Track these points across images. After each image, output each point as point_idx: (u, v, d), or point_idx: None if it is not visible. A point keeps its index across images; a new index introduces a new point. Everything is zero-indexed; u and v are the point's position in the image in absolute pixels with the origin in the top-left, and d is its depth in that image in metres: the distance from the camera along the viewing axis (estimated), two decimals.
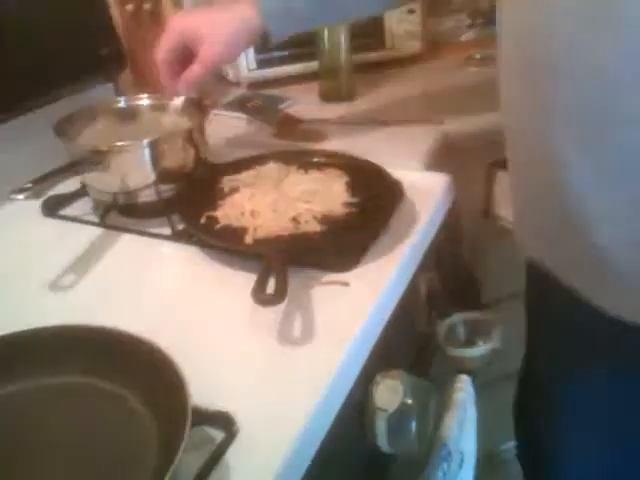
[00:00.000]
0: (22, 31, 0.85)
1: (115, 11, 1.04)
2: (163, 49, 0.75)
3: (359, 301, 0.61)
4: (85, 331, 0.47)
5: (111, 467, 0.41)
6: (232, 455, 0.46)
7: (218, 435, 0.47)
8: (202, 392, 0.46)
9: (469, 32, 1.27)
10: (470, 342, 0.73)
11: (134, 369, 0.46)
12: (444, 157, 0.96)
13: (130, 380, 0.46)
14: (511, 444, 0.99)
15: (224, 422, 0.48)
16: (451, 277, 0.87)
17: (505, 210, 1.03)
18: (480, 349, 0.70)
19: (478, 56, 1.17)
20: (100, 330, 0.47)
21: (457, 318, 0.76)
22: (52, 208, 0.80)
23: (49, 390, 0.46)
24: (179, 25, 0.75)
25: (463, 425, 0.68)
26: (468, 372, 0.74)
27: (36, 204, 0.78)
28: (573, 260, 0.64)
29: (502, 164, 1.00)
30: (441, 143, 0.96)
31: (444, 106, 1.04)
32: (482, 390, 0.78)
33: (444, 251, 0.86)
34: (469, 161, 1.02)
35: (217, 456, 0.46)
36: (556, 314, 0.73)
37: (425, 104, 1.07)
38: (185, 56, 0.75)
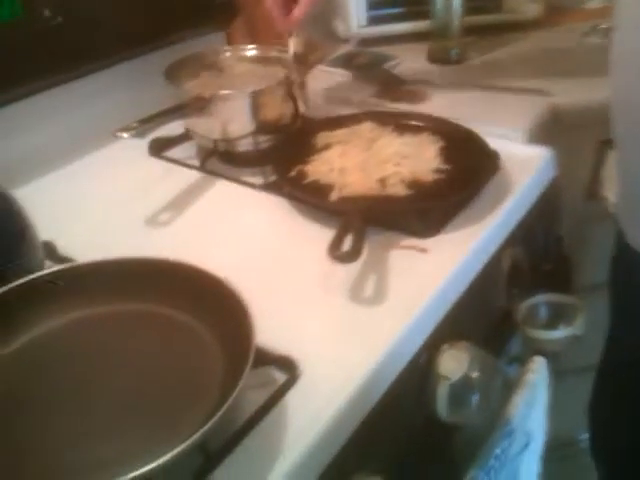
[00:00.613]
0: None
1: None
2: None
3: (435, 269, 0.61)
4: (167, 264, 0.51)
5: (176, 391, 0.45)
6: (292, 398, 0.49)
7: (281, 378, 0.50)
8: (270, 335, 0.49)
9: None
10: (551, 325, 0.71)
11: (208, 305, 0.49)
12: (551, 131, 0.92)
13: (203, 314, 0.49)
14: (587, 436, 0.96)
15: (288, 365, 0.50)
16: (542, 256, 0.84)
17: (612, 192, 0.98)
18: (559, 333, 0.68)
19: (603, 26, 1.08)
20: (181, 265, 0.50)
21: (540, 299, 0.73)
22: (158, 149, 0.85)
23: (127, 316, 0.50)
24: None
25: (532, 407, 0.67)
26: (545, 355, 0.72)
27: (140, 143, 0.82)
28: None
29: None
30: (549, 116, 0.91)
31: (557, 77, 0.99)
32: (563, 377, 0.76)
33: (538, 228, 0.83)
34: (579, 138, 0.96)
35: (277, 396, 0.48)
36: None
37: (537, 73, 1.01)
38: None
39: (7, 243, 0.54)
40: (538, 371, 0.66)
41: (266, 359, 0.50)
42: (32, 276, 0.50)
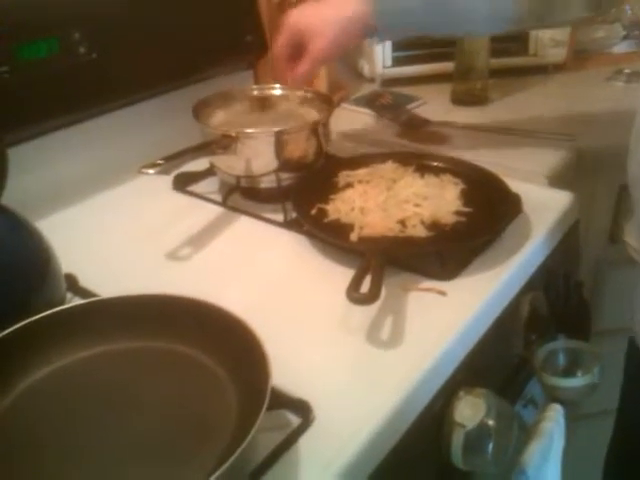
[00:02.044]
0: (174, 13, 0.90)
1: (262, 0, 1.08)
2: (279, 44, 0.77)
3: (453, 313, 0.61)
4: (184, 302, 0.51)
5: (189, 432, 0.45)
6: (305, 442, 0.48)
7: (295, 421, 0.50)
8: (285, 377, 0.49)
9: (622, 44, 1.19)
10: (569, 372, 0.70)
11: (225, 344, 0.49)
12: (573, 175, 0.92)
13: (220, 354, 0.49)
14: None
15: (302, 409, 0.50)
16: (561, 301, 0.84)
17: (634, 238, 0.97)
18: (577, 381, 0.67)
19: (627, 70, 1.09)
20: (199, 303, 0.51)
21: (559, 345, 0.72)
22: (182, 183, 0.86)
23: (141, 353, 0.50)
24: (292, 21, 0.76)
25: (547, 455, 0.65)
26: (562, 403, 0.70)
27: (165, 179, 0.84)
28: None
29: None
30: (571, 159, 0.92)
31: (581, 121, 0.99)
32: (580, 423, 0.74)
33: (558, 273, 0.82)
34: (600, 182, 0.96)
35: (290, 440, 0.48)
36: None
37: (560, 116, 1.02)
38: (300, 50, 0.77)
39: (31, 276, 0.55)
40: (554, 419, 0.65)
41: (280, 401, 0.49)
42: (50, 311, 0.50)
